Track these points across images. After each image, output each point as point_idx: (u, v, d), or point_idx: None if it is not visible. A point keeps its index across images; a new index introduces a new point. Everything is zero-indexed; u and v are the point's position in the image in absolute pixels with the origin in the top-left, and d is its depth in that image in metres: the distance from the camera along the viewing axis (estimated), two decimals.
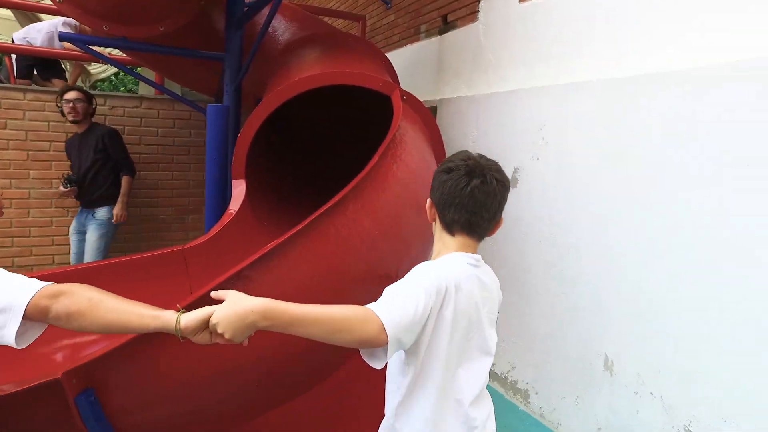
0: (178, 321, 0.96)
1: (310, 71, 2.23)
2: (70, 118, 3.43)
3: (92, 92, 4.20)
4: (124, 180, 3.64)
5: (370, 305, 1.00)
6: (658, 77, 1.91)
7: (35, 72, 4.59)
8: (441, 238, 1.18)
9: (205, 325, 0.95)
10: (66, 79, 4.84)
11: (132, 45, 2.66)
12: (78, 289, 0.99)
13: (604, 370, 2.12)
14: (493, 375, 2.81)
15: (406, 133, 1.82)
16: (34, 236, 4.08)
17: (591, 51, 2.26)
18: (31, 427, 1.20)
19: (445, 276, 1.07)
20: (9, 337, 0.94)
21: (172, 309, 1.00)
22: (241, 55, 2.87)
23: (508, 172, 2.68)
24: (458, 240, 1.16)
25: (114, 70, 5.91)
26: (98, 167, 3.54)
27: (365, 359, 1.02)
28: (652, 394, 1.90)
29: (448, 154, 1.71)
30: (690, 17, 1.84)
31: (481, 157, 1.16)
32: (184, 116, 4.32)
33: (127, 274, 2.01)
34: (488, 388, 1.26)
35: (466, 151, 1.18)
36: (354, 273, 1.53)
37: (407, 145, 1.79)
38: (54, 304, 0.96)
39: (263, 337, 1.15)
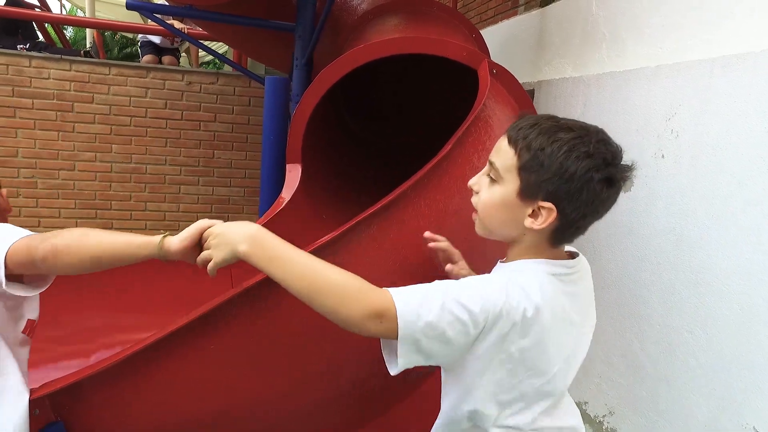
0: (161, 241, 0.91)
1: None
2: None
3: (171, 67, 4.19)
4: None
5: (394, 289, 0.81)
6: None
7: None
8: (534, 243, 0.87)
9: (194, 240, 0.90)
10: (178, 58, 4.92)
11: (196, 13, 2.46)
12: (68, 229, 0.98)
13: None
14: (584, 416, 2.31)
15: (492, 115, 1.40)
16: (115, 210, 4.17)
17: (749, 13, 1.68)
18: None
19: (520, 296, 0.80)
20: None
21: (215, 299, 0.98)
22: (313, 25, 2.58)
23: None
24: (556, 251, 0.89)
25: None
26: None
27: (385, 358, 0.84)
28: None
29: None
30: None
31: (618, 151, 0.84)
32: (260, 94, 4.18)
33: (162, 263, 1.80)
34: None
35: (603, 135, 0.85)
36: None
37: (494, 131, 1.38)
38: (42, 244, 0.94)
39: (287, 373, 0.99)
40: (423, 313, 0.77)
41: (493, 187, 0.85)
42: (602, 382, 2.21)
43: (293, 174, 1.92)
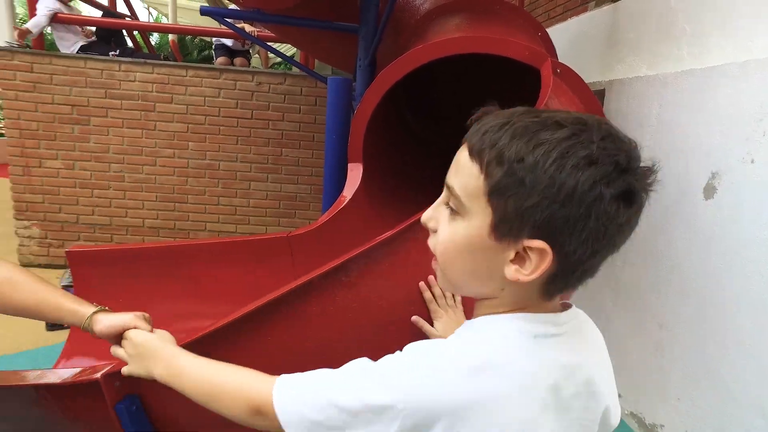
0: (88, 319, 0.93)
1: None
2: None
3: (242, 69, 4.39)
4: None
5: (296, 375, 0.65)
6: None
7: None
8: (516, 297, 0.59)
9: (117, 333, 0.92)
10: (249, 60, 5.21)
11: (265, 17, 2.58)
12: (4, 269, 0.94)
13: None
14: None
15: None
16: (191, 203, 4.44)
17: None
18: (76, 426, 1.09)
19: (475, 377, 0.54)
20: None
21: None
22: (376, 26, 2.62)
23: (703, 177, 2.00)
24: (549, 305, 0.60)
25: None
26: None
27: None
28: None
29: None
30: None
31: (633, 149, 0.53)
32: (326, 94, 4.28)
33: (230, 255, 1.91)
34: None
35: (608, 129, 0.53)
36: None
37: None
38: None
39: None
40: (305, 409, 0.59)
41: (455, 222, 0.58)
42: (681, 403, 2.06)
43: (354, 173, 1.95)
